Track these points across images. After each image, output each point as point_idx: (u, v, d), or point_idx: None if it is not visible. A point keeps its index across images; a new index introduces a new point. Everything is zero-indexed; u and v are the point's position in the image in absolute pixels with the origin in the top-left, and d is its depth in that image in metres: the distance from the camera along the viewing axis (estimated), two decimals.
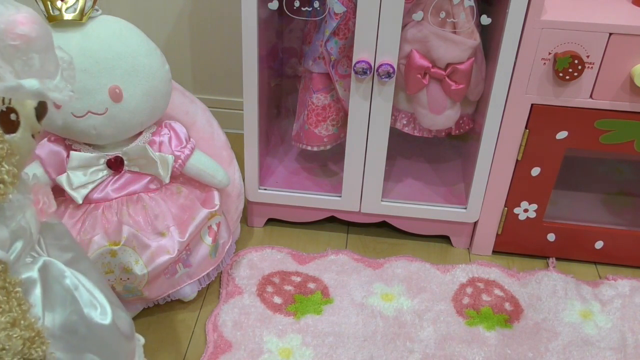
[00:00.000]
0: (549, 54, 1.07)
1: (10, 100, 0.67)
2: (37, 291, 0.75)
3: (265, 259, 1.27)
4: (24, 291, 0.73)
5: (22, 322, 0.68)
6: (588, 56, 1.06)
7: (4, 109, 0.66)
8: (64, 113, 1.00)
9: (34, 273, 0.75)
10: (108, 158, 1.05)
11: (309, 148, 1.30)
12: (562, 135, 1.15)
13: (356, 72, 1.12)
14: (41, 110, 0.72)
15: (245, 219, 1.37)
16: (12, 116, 0.67)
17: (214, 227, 1.14)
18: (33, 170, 1.05)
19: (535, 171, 1.19)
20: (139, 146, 1.06)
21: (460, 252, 1.34)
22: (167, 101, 1.09)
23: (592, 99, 1.11)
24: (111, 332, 0.81)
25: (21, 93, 0.65)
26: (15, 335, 0.66)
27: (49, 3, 0.98)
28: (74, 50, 0.98)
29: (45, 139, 1.06)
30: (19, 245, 0.73)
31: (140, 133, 1.08)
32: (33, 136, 0.72)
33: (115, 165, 1.05)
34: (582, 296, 1.20)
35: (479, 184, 1.23)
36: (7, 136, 0.67)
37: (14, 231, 0.72)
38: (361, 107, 1.17)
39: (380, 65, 1.11)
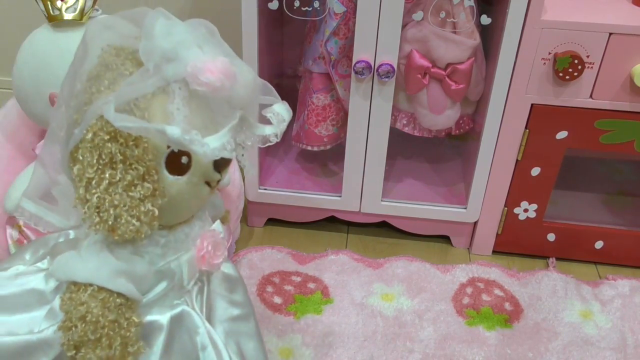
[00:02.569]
0: (549, 53, 1.07)
1: None
2: (161, 339, 0.73)
3: (265, 259, 1.27)
4: (147, 334, 0.72)
5: None
6: (588, 56, 1.06)
7: (176, 151, 0.65)
8: None
9: (163, 319, 0.73)
10: None
11: (309, 148, 1.30)
12: (562, 135, 1.15)
13: (356, 72, 1.12)
14: (222, 161, 0.68)
15: (245, 219, 1.37)
16: (184, 159, 0.66)
17: None
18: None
19: (535, 171, 1.19)
20: None
21: (460, 252, 1.34)
22: None
23: (592, 99, 1.11)
24: None
25: (162, 137, 0.63)
26: None
27: (49, 3, 0.98)
28: (74, 50, 0.98)
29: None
30: (162, 286, 0.72)
31: None
32: (209, 184, 0.69)
33: None
34: (582, 296, 1.20)
35: (478, 184, 1.23)
36: (170, 178, 0.66)
37: (161, 271, 0.71)
38: (361, 107, 1.17)
39: (380, 65, 1.11)
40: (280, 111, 0.76)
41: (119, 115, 0.61)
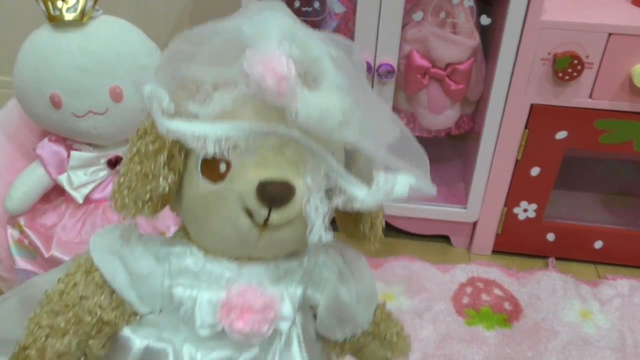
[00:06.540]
0: (549, 54, 1.07)
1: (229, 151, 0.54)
2: None
3: None
4: (119, 348, 0.61)
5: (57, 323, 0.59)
6: (587, 56, 1.06)
7: (214, 157, 0.55)
8: (65, 113, 1.00)
9: (138, 339, 0.61)
10: (109, 158, 1.05)
11: None
12: (561, 135, 1.15)
13: None
14: (267, 191, 0.54)
15: None
16: (222, 167, 0.55)
17: None
18: (34, 170, 1.06)
19: (535, 171, 1.20)
20: None
21: (460, 251, 1.34)
22: None
23: (592, 99, 1.11)
24: None
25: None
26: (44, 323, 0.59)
27: (49, 3, 0.98)
28: (74, 50, 0.99)
29: (46, 139, 1.06)
30: (166, 310, 0.61)
31: None
32: (251, 215, 0.55)
33: (116, 164, 1.06)
34: (581, 296, 1.21)
35: (478, 184, 1.23)
36: (200, 179, 0.56)
37: (171, 294, 0.61)
38: None
39: (380, 65, 1.11)
40: (398, 183, 0.59)
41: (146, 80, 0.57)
